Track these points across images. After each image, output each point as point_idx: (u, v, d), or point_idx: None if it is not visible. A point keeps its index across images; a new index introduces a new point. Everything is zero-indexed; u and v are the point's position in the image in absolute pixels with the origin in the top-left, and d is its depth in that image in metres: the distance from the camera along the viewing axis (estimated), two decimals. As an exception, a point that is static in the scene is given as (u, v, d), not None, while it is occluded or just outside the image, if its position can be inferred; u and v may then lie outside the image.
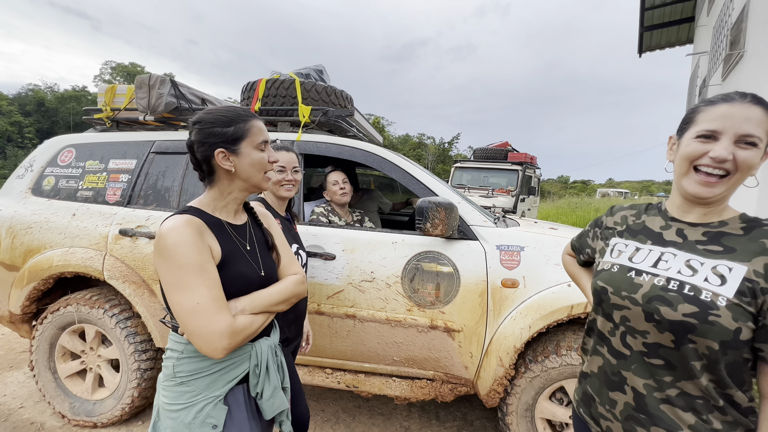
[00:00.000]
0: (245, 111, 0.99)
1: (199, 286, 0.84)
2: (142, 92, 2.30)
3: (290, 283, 1.05)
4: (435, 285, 1.79)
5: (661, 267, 0.79)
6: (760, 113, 0.71)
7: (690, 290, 0.73)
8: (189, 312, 0.83)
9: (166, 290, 0.86)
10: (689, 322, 0.71)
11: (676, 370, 0.75)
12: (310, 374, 2.00)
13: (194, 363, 0.92)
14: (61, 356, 2.19)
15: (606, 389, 0.86)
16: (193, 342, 0.85)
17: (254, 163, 0.97)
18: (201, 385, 0.92)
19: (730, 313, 0.69)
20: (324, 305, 1.89)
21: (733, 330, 0.69)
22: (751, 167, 0.72)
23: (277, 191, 1.52)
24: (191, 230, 0.87)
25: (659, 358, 0.77)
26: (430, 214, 1.68)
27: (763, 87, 3.21)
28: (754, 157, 0.72)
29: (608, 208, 1.05)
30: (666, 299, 0.75)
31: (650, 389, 0.78)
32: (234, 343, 0.87)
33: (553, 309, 1.67)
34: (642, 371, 0.79)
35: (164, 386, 0.94)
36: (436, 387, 1.89)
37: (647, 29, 8.68)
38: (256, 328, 0.94)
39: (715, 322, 0.69)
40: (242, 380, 0.99)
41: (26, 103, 28.93)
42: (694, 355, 0.73)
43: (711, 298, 0.71)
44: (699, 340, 0.71)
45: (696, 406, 0.74)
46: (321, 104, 2.35)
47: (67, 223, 2.14)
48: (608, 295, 0.85)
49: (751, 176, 0.75)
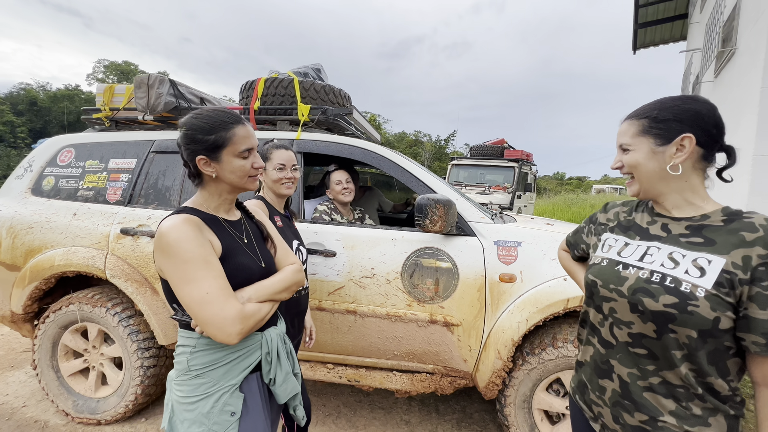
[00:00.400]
0: (230, 117, 0.98)
1: (206, 277, 0.88)
2: (142, 92, 2.31)
3: (289, 272, 1.09)
4: (434, 280, 1.83)
5: (646, 260, 0.83)
6: (625, 126, 0.87)
7: (671, 282, 0.77)
8: (199, 302, 0.86)
9: (174, 286, 0.89)
10: (670, 312, 0.75)
11: (658, 360, 0.80)
12: (312, 369, 2.03)
13: (209, 355, 0.95)
14: (63, 355, 2.21)
15: (596, 377, 0.91)
16: (207, 331, 0.88)
17: (235, 171, 0.98)
18: (217, 376, 0.95)
19: (708, 303, 0.72)
20: (325, 301, 1.92)
21: (711, 319, 0.72)
22: (634, 165, 0.85)
23: (278, 189, 1.54)
24: (191, 226, 0.90)
25: (642, 347, 0.81)
26: (429, 211, 1.71)
27: (754, 83, 3.27)
28: (631, 157, 0.85)
29: (603, 205, 1.09)
30: (649, 291, 0.79)
31: (634, 377, 0.82)
32: (246, 327, 0.90)
33: (549, 302, 1.71)
34: (627, 360, 0.84)
35: (178, 381, 0.97)
36: (436, 380, 1.93)
37: (641, 26, 8.74)
38: (264, 315, 0.97)
39: (694, 312, 0.73)
40: (254, 369, 1.02)
41: (18, 103, 28.60)
42: (674, 344, 0.77)
43: (690, 290, 0.74)
44: (679, 329, 0.75)
45: (676, 393, 0.78)
46: (320, 103, 2.37)
47: (68, 222, 2.15)
48: (598, 287, 0.89)
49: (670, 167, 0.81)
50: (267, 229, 1.16)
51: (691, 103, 0.79)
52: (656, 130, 0.81)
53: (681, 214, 0.84)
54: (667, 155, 0.80)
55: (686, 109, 0.79)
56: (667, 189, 0.83)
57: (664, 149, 0.80)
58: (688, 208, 0.83)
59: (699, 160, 0.80)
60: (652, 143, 0.81)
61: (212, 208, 1.03)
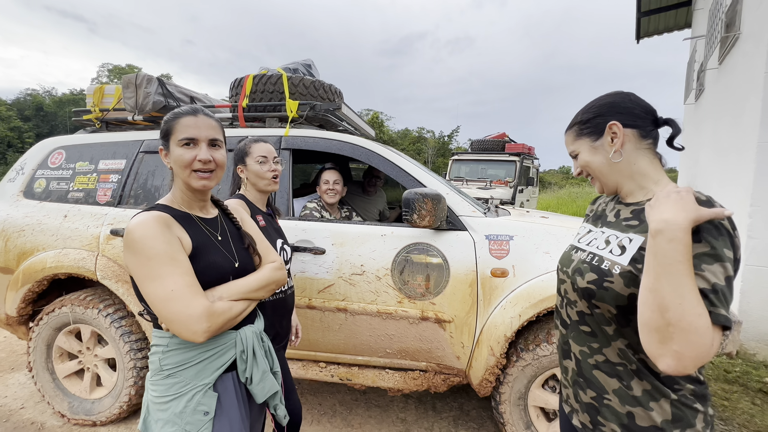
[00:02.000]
0: (188, 108, 0.99)
1: (172, 274, 0.86)
2: (129, 92, 2.29)
3: (267, 270, 1.06)
4: (425, 276, 1.79)
5: (591, 244, 0.88)
6: (566, 137, 0.94)
7: (596, 261, 0.81)
8: (164, 299, 0.85)
9: (139, 283, 0.87)
10: (590, 288, 0.80)
11: (597, 337, 0.82)
12: (304, 368, 2.01)
13: (180, 354, 0.93)
14: (58, 357, 2.21)
15: (562, 358, 0.94)
16: (172, 329, 0.86)
17: (176, 161, 0.96)
18: (189, 375, 0.93)
19: (622, 279, 0.75)
20: (315, 299, 1.89)
21: (626, 296, 0.74)
22: (585, 165, 0.89)
23: (260, 184, 1.49)
24: (158, 223, 0.89)
25: (586, 325, 0.85)
26: (416, 206, 1.68)
27: (758, 68, 3.17)
28: (580, 159, 0.90)
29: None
30: (581, 270, 0.84)
31: (584, 355, 0.85)
32: (214, 325, 0.88)
33: (542, 297, 1.67)
34: (578, 339, 0.87)
35: (152, 381, 0.95)
36: (429, 378, 1.90)
37: (644, 14, 8.56)
38: (236, 314, 0.95)
39: (609, 288, 0.76)
40: (230, 368, 1.00)
41: (25, 108, 28.95)
42: (603, 319, 0.80)
43: (609, 267, 0.78)
44: (600, 305, 0.79)
45: (618, 372, 0.79)
46: (309, 99, 2.34)
47: (59, 224, 2.15)
48: (558, 272, 0.95)
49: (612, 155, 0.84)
50: (244, 226, 1.13)
51: (606, 98, 0.87)
52: (587, 129, 0.88)
53: (633, 200, 0.86)
54: (606, 147, 0.85)
55: (603, 104, 0.86)
56: (620, 177, 0.86)
57: (601, 142, 0.86)
58: (640, 193, 0.85)
59: (638, 139, 0.83)
60: (589, 141, 0.88)
61: (185, 205, 1.01)
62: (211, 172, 0.99)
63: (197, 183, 0.98)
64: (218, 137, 1.01)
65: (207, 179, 0.99)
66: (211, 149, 0.99)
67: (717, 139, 4.66)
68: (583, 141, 0.89)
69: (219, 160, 1.00)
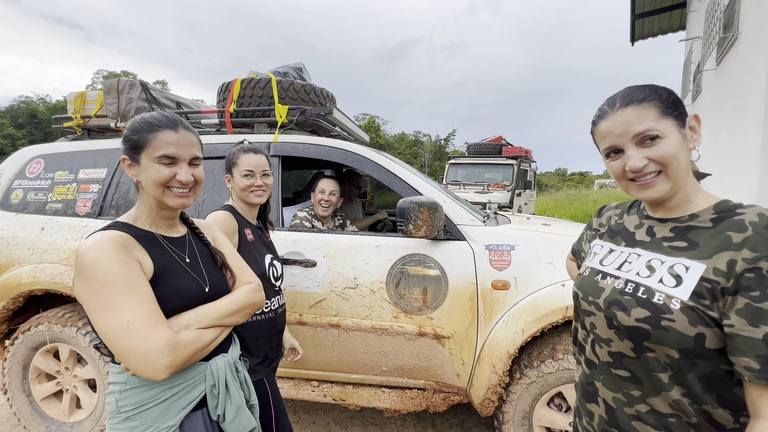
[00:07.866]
0: (165, 120, 0.87)
1: (128, 302, 0.75)
2: (111, 97, 2.20)
3: (243, 293, 0.96)
4: (422, 290, 1.69)
5: (624, 269, 0.73)
6: (635, 111, 0.67)
7: (644, 293, 0.67)
8: (118, 332, 0.74)
9: (90, 314, 0.76)
10: (642, 327, 0.65)
11: (642, 384, 0.68)
12: (296, 388, 1.90)
13: (140, 394, 0.82)
14: (35, 378, 2.09)
15: (585, 401, 0.80)
16: (129, 365, 0.76)
17: (150, 177, 0.85)
18: (150, 417, 0.82)
19: (685, 317, 0.61)
20: (306, 315, 1.79)
21: (692, 337, 0.61)
22: (672, 156, 0.66)
23: (246, 198, 1.40)
24: (114, 245, 0.78)
25: (624, 369, 0.71)
26: (412, 215, 1.58)
27: (759, 69, 3.11)
28: (665, 147, 0.66)
29: (599, 208, 0.97)
30: (622, 303, 0.69)
31: (620, 403, 0.71)
32: (178, 360, 0.77)
33: (547, 311, 1.57)
34: (610, 383, 0.73)
35: (110, 425, 0.84)
36: (428, 397, 1.79)
37: (639, 17, 8.56)
38: (205, 344, 0.84)
39: (669, 327, 0.62)
40: (200, 405, 0.89)
41: (18, 115, 28.73)
42: (657, 365, 0.66)
43: (664, 301, 0.64)
44: (656, 347, 0.65)
45: (669, 425, 0.66)
46: (300, 103, 2.25)
47: (36, 237, 2.04)
48: (579, 300, 0.80)
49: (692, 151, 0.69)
50: (215, 243, 1.02)
51: (663, 87, 0.69)
52: (677, 111, 0.67)
53: (671, 215, 0.72)
54: (688, 140, 0.68)
55: (670, 91, 0.68)
56: (685, 182, 0.69)
57: (685, 133, 0.67)
58: (684, 206, 0.71)
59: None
60: (678, 126, 0.67)
61: (148, 223, 0.90)
62: (190, 189, 0.90)
63: (174, 202, 0.88)
64: (199, 155, 0.92)
65: (185, 197, 0.89)
66: (191, 167, 0.90)
67: (716, 140, 4.61)
68: (670, 122, 0.66)
69: (199, 177, 0.91)
